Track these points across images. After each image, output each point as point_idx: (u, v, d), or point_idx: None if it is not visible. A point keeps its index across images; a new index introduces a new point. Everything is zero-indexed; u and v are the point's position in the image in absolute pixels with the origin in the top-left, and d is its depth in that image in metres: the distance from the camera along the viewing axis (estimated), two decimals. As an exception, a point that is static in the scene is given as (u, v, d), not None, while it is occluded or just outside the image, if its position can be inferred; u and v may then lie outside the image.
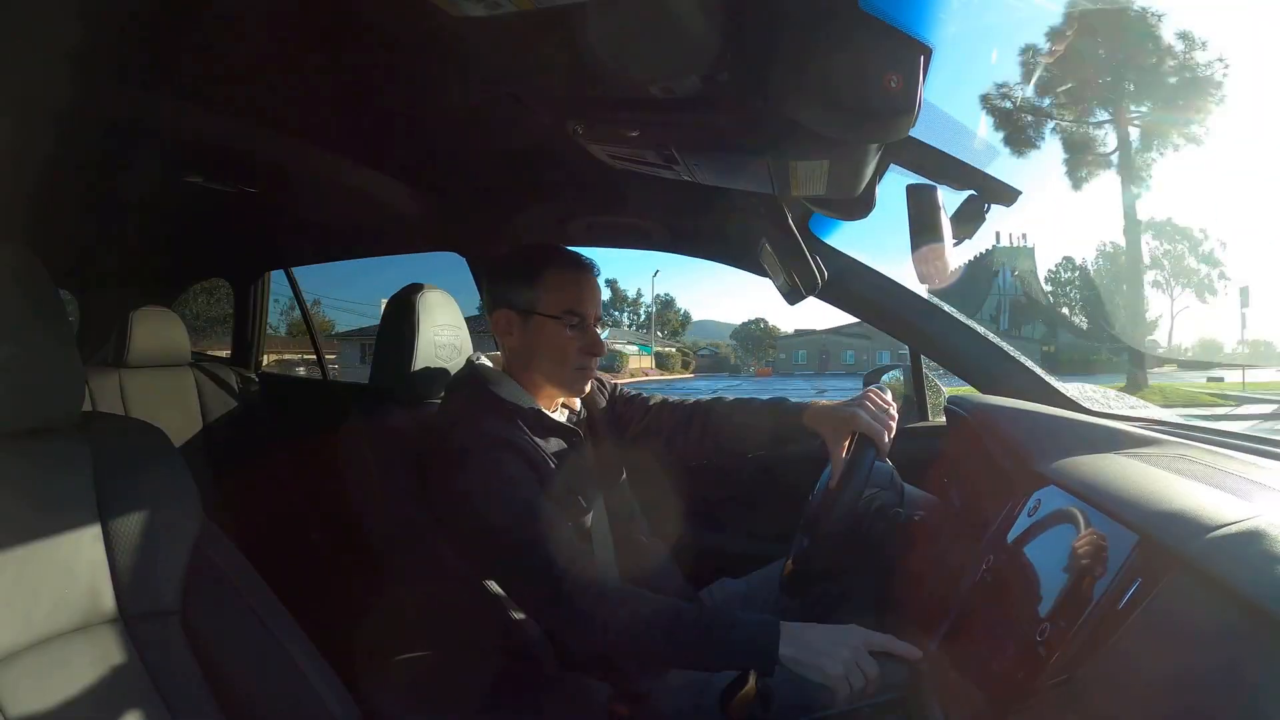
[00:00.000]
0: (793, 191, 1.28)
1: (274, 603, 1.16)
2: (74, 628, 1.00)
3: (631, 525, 1.65)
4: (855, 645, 1.19)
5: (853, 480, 1.37)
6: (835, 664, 1.16)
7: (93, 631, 1.01)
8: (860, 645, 1.19)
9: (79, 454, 1.07)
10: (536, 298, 1.51)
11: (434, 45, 1.14)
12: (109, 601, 1.03)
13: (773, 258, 1.69)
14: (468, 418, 1.47)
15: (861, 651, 1.18)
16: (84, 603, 1.01)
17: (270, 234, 3.02)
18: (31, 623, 0.95)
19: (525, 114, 1.31)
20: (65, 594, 0.99)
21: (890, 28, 0.83)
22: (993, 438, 1.44)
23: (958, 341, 1.85)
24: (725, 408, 1.69)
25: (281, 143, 1.71)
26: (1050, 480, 1.17)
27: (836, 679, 1.15)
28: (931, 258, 1.25)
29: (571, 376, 1.55)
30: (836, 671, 1.16)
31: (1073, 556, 0.97)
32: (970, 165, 1.32)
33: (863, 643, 1.19)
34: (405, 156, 1.83)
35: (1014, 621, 1.02)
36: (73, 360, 1.07)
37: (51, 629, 0.97)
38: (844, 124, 0.98)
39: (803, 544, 1.46)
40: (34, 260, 1.03)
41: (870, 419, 1.40)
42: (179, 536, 1.11)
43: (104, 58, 1.26)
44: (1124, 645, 0.79)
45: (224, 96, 1.45)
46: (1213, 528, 0.79)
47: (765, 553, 1.87)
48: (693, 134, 1.18)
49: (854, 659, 1.17)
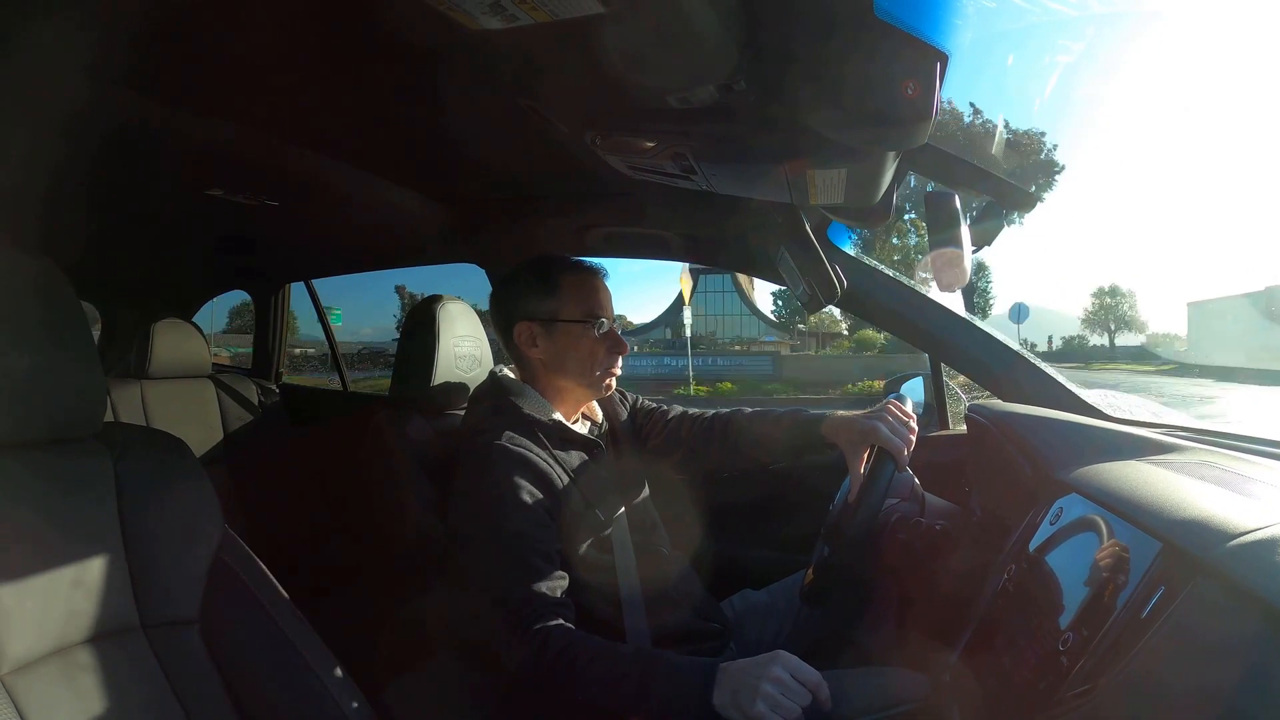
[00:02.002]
0: (811, 200, 1.28)
1: (293, 612, 1.16)
2: (94, 636, 1.00)
3: (653, 537, 1.64)
4: (774, 676, 1.16)
5: (870, 495, 1.35)
6: (754, 702, 1.14)
7: (113, 640, 1.02)
8: (779, 675, 1.16)
9: (100, 464, 1.07)
10: (558, 305, 1.53)
11: (453, 58, 1.15)
12: (129, 610, 1.04)
13: (791, 267, 1.69)
14: (488, 431, 1.48)
15: (783, 680, 1.15)
16: (104, 611, 1.01)
17: (290, 246, 3.04)
18: (52, 631, 0.96)
19: (544, 125, 1.31)
20: (86, 602, 0.99)
21: (907, 35, 0.83)
22: (1014, 446, 1.43)
23: (978, 349, 1.84)
24: (745, 419, 1.68)
25: (302, 155, 1.73)
26: (1072, 488, 1.16)
27: (759, 715, 1.13)
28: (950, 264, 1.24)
29: (599, 378, 1.57)
30: (757, 711, 1.13)
31: (1095, 565, 0.97)
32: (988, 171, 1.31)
33: (782, 670, 1.16)
34: (425, 169, 1.85)
35: (1036, 631, 1.01)
36: (95, 372, 1.08)
37: (72, 637, 0.98)
38: (862, 131, 0.98)
39: (823, 553, 1.46)
40: (57, 273, 1.04)
41: (890, 433, 1.39)
42: (199, 546, 1.12)
43: (126, 71, 1.27)
44: (1147, 655, 0.78)
45: (246, 110, 1.46)
46: (1236, 535, 0.78)
47: (787, 563, 1.86)
48: (710, 144, 1.18)
49: (776, 692, 1.14)
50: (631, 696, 1.24)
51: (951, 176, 1.29)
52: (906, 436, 1.40)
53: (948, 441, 2.00)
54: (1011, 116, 43.52)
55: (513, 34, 0.90)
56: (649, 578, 1.53)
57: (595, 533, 1.49)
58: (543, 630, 1.31)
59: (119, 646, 1.02)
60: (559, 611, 1.34)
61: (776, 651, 1.21)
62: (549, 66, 1.08)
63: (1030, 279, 71.72)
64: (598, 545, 1.49)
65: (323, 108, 1.46)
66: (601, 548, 1.50)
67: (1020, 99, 39.61)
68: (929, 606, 1.44)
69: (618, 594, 1.48)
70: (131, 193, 2.06)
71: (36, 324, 1.00)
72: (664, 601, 1.53)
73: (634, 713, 1.26)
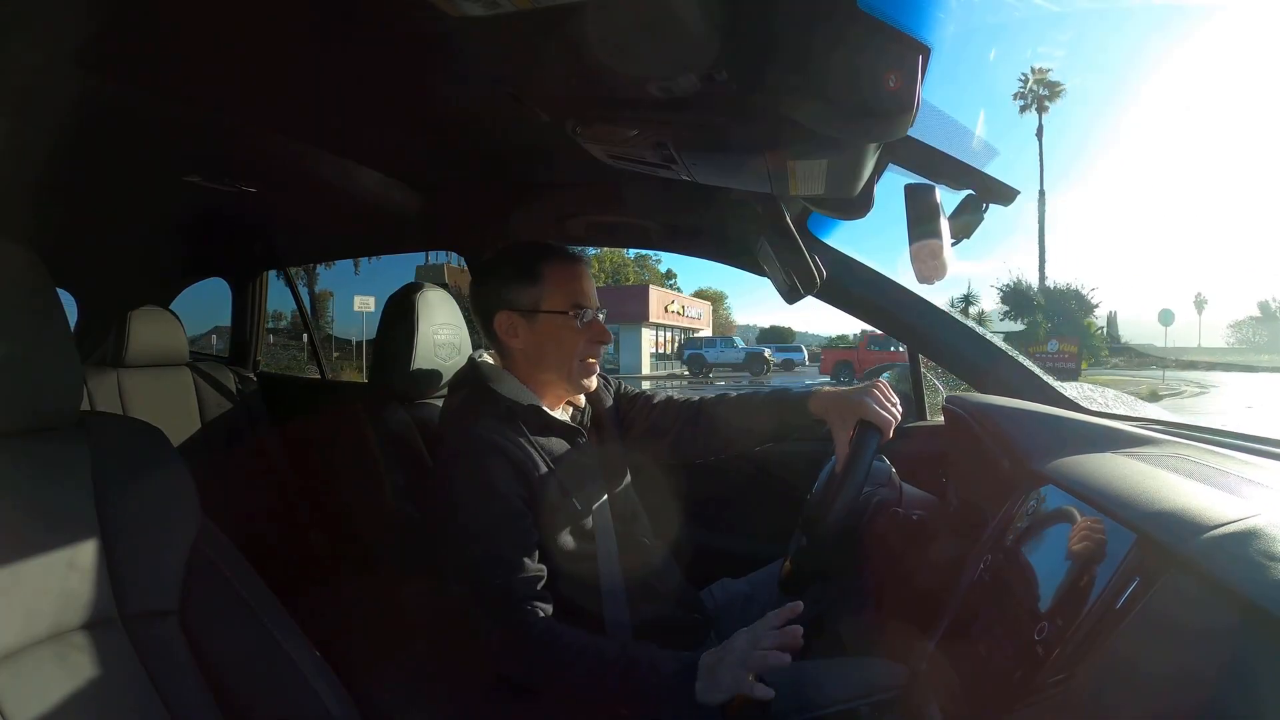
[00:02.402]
0: (791, 191, 1.28)
1: (272, 602, 1.16)
2: (72, 628, 0.99)
3: (635, 526, 1.64)
4: (735, 660, 1.19)
5: (857, 465, 1.36)
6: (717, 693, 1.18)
7: (91, 631, 1.01)
8: (742, 657, 1.19)
9: (77, 453, 1.06)
10: (540, 295, 1.52)
11: (433, 45, 1.14)
12: (107, 601, 1.03)
13: (771, 257, 1.69)
14: (465, 418, 1.48)
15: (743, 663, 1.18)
16: (82, 603, 1.00)
17: (268, 234, 3.02)
18: (29, 623, 0.95)
19: (524, 113, 1.31)
20: (63, 594, 0.99)
21: (889, 27, 0.83)
22: (991, 437, 1.44)
23: (955, 341, 1.86)
24: (730, 403, 1.68)
25: (280, 142, 1.71)
26: (1048, 479, 1.17)
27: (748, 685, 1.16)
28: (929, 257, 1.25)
29: (581, 368, 1.55)
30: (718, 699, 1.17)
31: (1071, 556, 0.98)
32: (968, 165, 1.32)
33: (746, 648, 1.20)
34: (404, 156, 1.84)
35: (1012, 620, 1.02)
36: (71, 359, 1.07)
37: (49, 629, 0.97)
38: (843, 123, 0.98)
39: (801, 542, 1.46)
40: (34, 259, 1.03)
41: (878, 407, 1.40)
42: (177, 536, 1.11)
43: (102, 56, 1.25)
44: (1122, 644, 0.79)
45: (223, 95, 1.45)
46: (1210, 527, 0.79)
47: (766, 553, 1.87)
48: (691, 133, 1.18)
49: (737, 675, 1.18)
50: (611, 690, 1.24)
51: (932, 169, 1.29)
52: (894, 411, 1.41)
53: (925, 432, 2.01)
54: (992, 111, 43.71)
55: (494, 20, 0.89)
56: (630, 568, 1.53)
57: (576, 522, 1.48)
58: (522, 621, 1.31)
59: (97, 638, 1.01)
60: (538, 602, 1.34)
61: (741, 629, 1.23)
62: (530, 53, 1.08)
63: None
64: (579, 534, 1.48)
65: (302, 94, 1.44)
66: (583, 537, 1.49)
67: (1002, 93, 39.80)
68: (906, 596, 1.45)
69: (599, 584, 1.48)
70: (108, 179, 2.04)
71: (12, 311, 0.99)
72: (645, 592, 1.53)
73: (615, 705, 1.27)
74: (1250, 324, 42.22)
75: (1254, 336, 42.31)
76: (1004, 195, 1.35)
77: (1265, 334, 41.74)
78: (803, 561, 1.45)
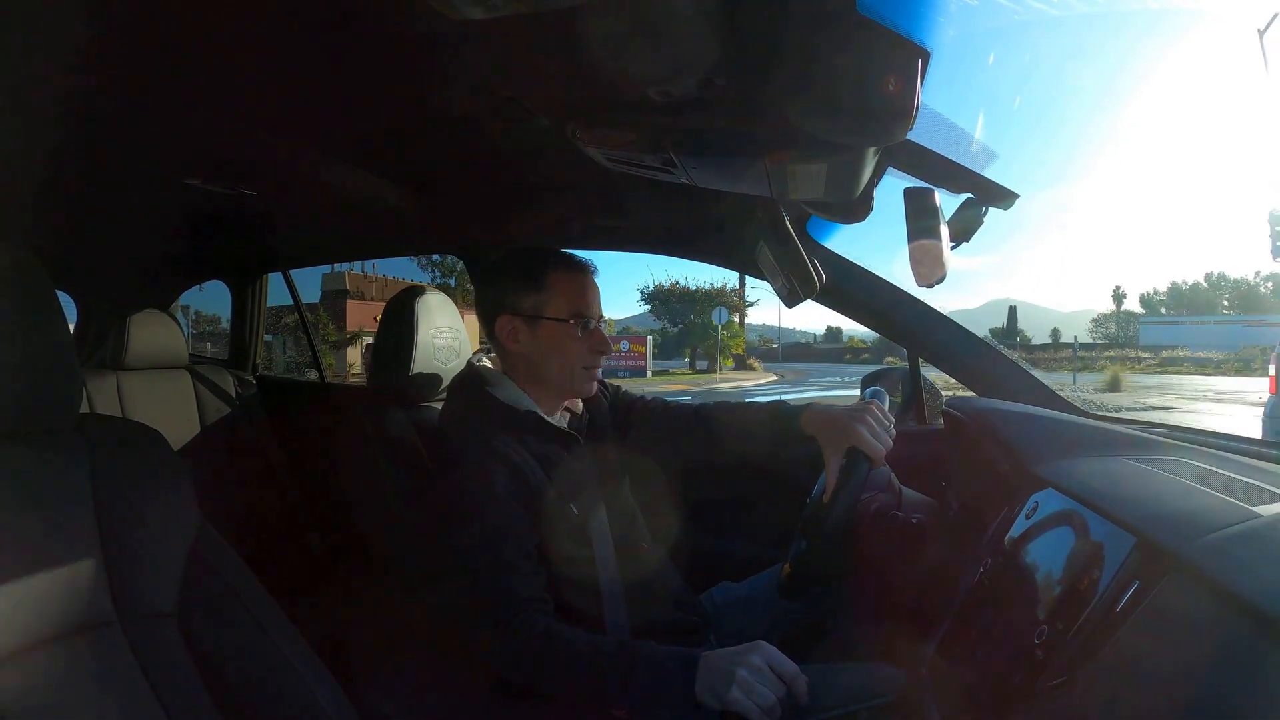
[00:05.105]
0: (790, 195, 1.28)
1: (271, 605, 1.15)
2: (70, 630, 0.99)
3: (632, 530, 1.63)
4: (751, 664, 1.19)
5: (843, 495, 1.36)
6: (729, 688, 1.17)
7: (89, 634, 1.00)
8: (756, 663, 1.19)
9: (76, 456, 1.06)
10: (543, 302, 1.52)
11: (432, 47, 1.14)
12: (106, 604, 1.02)
13: (770, 261, 1.69)
14: (463, 422, 1.48)
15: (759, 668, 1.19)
16: (80, 605, 1.00)
17: (268, 237, 3.02)
18: (28, 625, 0.95)
19: (523, 116, 1.31)
20: (61, 596, 0.98)
21: (888, 30, 0.83)
22: (991, 441, 1.44)
23: (955, 345, 1.86)
24: (725, 410, 1.68)
25: (280, 145, 1.71)
26: (1048, 483, 1.17)
27: (733, 701, 1.16)
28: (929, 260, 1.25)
29: (580, 376, 1.55)
30: (732, 696, 1.16)
31: (1070, 559, 0.98)
32: (968, 168, 1.32)
33: (760, 659, 1.20)
34: (404, 159, 1.83)
35: (1012, 624, 1.02)
36: (70, 362, 1.06)
37: (48, 631, 0.97)
38: (842, 127, 0.98)
39: (800, 546, 1.46)
40: (33, 261, 1.02)
41: (870, 437, 1.37)
42: (176, 539, 1.11)
43: (102, 58, 1.25)
44: (1122, 647, 0.79)
45: (223, 99, 1.44)
46: (1210, 530, 0.79)
47: (765, 556, 1.87)
48: (690, 137, 1.18)
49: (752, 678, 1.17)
50: (614, 688, 1.24)
51: (931, 172, 1.29)
52: (886, 440, 1.39)
53: (925, 436, 2.01)
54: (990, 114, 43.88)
55: (494, 23, 0.89)
56: (629, 571, 1.52)
57: (574, 526, 1.48)
58: (521, 624, 1.31)
59: (96, 640, 1.01)
60: (537, 605, 1.34)
61: (757, 641, 1.23)
62: (530, 57, 1.08)
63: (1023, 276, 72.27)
64: (576, 538, 1.48)
65: (301, 97, 1.44)
66: (580, 541, 1.49)
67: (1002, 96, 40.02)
68: (905, 600, 1.44)
69: (598, 587, 1.47)
70: (108, 182, 2.03)
71: (11, 314, 0.99)
72: (644, 595, 1.53)
73: (615, 704, 1.26)
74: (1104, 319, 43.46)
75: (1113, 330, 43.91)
76: (1003, 198, 1.35)
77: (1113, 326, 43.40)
78: (802, 566, 1.45)
